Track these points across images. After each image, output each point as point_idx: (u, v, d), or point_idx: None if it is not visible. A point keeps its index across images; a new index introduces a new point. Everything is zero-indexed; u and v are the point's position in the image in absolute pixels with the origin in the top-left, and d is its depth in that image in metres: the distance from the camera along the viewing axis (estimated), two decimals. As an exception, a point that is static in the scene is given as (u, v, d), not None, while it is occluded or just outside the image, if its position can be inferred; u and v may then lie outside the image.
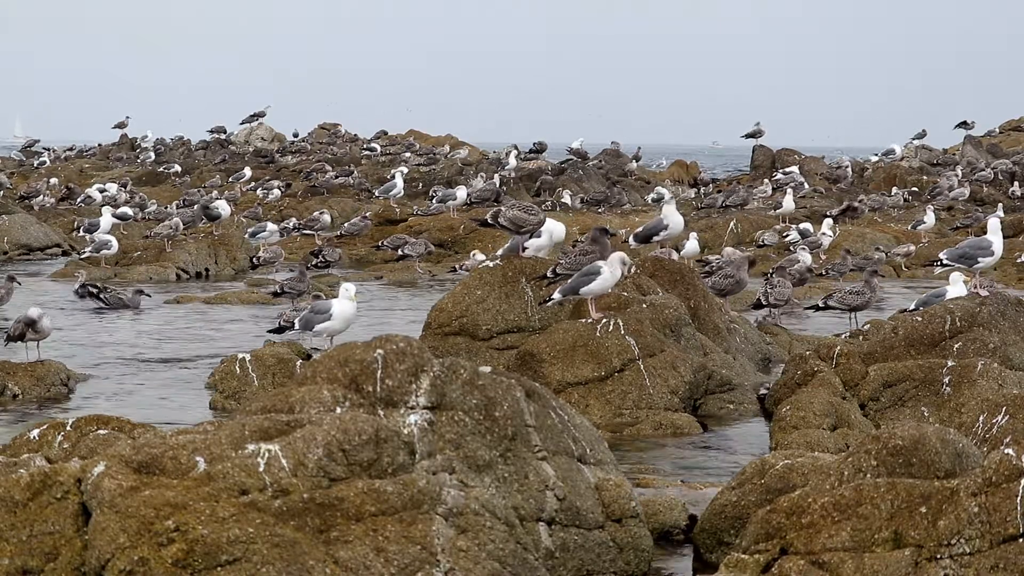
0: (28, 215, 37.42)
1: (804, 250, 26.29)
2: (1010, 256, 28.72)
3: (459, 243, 33.35)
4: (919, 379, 13.87)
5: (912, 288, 27.13)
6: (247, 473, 7.91)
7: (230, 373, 15.81)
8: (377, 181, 46.77)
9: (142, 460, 7.99)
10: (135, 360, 18.72)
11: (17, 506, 7.93)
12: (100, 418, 10.13)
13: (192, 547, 7.62)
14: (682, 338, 15.26)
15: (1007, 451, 8.19)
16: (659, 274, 16.91)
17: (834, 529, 8.27)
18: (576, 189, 43.96)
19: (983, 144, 54.92)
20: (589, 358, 14.40)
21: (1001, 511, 7.96)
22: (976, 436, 10.51)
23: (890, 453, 8.61)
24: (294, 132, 68.53)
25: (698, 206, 40.32)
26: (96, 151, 71.17)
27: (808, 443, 12.56)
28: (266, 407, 8.68)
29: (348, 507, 7.97)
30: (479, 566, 8.12)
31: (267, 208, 41.41)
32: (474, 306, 16.33)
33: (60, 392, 16.19)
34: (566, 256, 16.19)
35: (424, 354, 8.85)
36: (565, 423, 9.19)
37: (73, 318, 23.11)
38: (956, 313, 14.97)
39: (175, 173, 53.73)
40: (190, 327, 22.16)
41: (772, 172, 47.41)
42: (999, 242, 16.28)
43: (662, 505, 9.94)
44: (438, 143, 62.93)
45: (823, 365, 14.30)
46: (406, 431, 8.45)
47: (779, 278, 20.88)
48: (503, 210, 17.13)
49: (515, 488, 8.63)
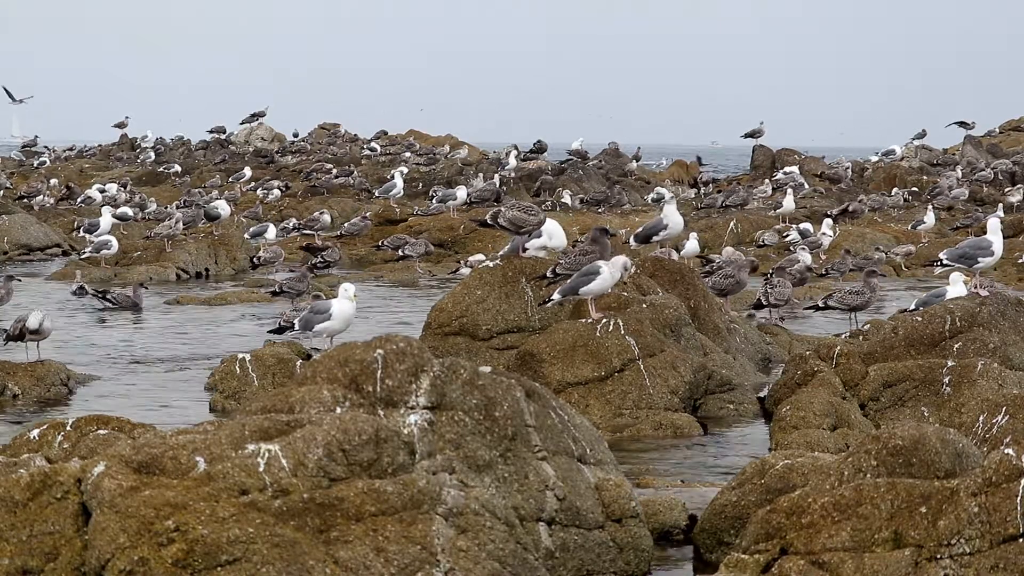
0: (28, 215, 37.44)
1: (804, 250, 26.29)
2: (1010, 256, 28.72)
3: (459, 243, 33.35)
4: (919, 379, 13.87)
5: (912, 288, 27.12)
6: (247, 473, 7.91)
7: (230, 373, 15.81)
8: (377, 181, 46.78)
9: (142, 460, 7.99)
10: (135, 360, 18.72)
11: (17, 506, 7.93)
12: (100, 418, 10.14)
13: (192, 547, 7.62)
14: (682, 338, 15.26)
15: (1007, 451, 8.19)
16: (659, 274, 16.91)
17: (834, 529, 8.27)
18: (576, 189, 43.96)
19: (983, 144, 54.93)
20: (589, 358, 14.40)
21: (1001, 511, 7.96)
22: (976, 436, 10.51)
23: (890, 453, 8.61)
24: (294, 132, 68.56)
25: (698, 206, 40.31)
26: (96, 151, 71.17)
27: (808, 443, 12.56)
28: (266, 407, 8.68)
29: (348, 507, 7.97)
30: (479, 566, 8.12)
31: (267, 208, 41.41)
32: (474, 306, 16.33)
33: (60, 392, 16.19)
34: (566, 256, 16.19)
35: (424, 354, 8.85)
36: (565, 423, 9.19)
37: (73, 318, 23.12)
38: (956, 313, 14.97)
39: (175, 173, 53.74)
40: (190, 327, 22.16)
41: (772, 172, 47.42)
42: (999, 242, 16.28)
43: (662, 505, 9.93)
44: (438, 143, 62.94)
45: (823, 365, 14.30)
46: (406, 431, 8.45)
47: (779, 278, 20.88)
48: (503, 211, 17.12)
49: (515, 488, 8.63)
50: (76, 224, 35.63)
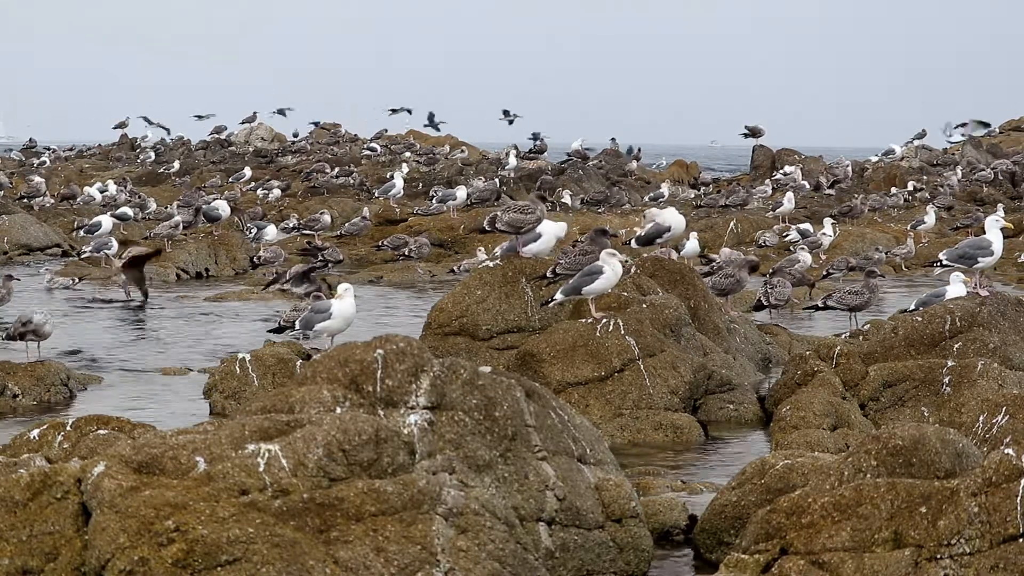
0: (28, 215, 37.42)
1: (804, 250, 26.28)
2: (1010, 256, 28.71)
3: (459, 243, 33.33)
4: (919, 379, 13.88)
5: (912, 288, 27.12)
6: (247, 473, 7.91)
7: (230, 373, 15.80)
8: (377, 181, 46.77)
9: (142, 460, 7.99)
10: (135, 360, 18.72)
11: (17, 506, 7.93)
12: (100, 418, 10.14)
13: (192, 547, 7.62)
14: (682, 338, 15.26)
15: (1007, 451, 8.19)
16: (659, 274, 16.90)
17: (834, 529, 8.27)
18: (576, 189, 43.96)
19: (983, 144, 54.93)
20: (589, 358, 14.39)
21: (1001, 511, 7.96)
22: (976, 436, 10.51)
23: (890, 453, 8.62)
24: (294, 132, 68.56)
25: (697, 205, 40.32)
26: (96, 151, 71.16)
27: (808, 443, 12.56)
28: (266, 407, 8.68)
29: (348, 507, 7.97)
30: (479, 566, 8.12)
31: (267, 208, 41.41)
32: (474, 306, 16.32)
33: (60, 392, 16.19)
34: (566, 256, 16.18)
35: (424, 354, 8.85)
36: (565, 423, 9.19)
37: (73, 318, 23.11)
38: (956, 313, 14.97)
39: (175, 173, 53.73)
40: (190, 327, 22.16)
41: (772, 172, 47.42)
42: (999, 242, 16.28)
43: (662, 505, 9.93)
44: (438, 143, 62.92)
45: (823, 365, 14.30)
46: (406, 431, 8.45)
47: (779, 278, 20.88)
48: (498, 215, 17.08)
49: (515, 488, 8.63)
50: (76, 224, 35.64)
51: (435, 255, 31.86)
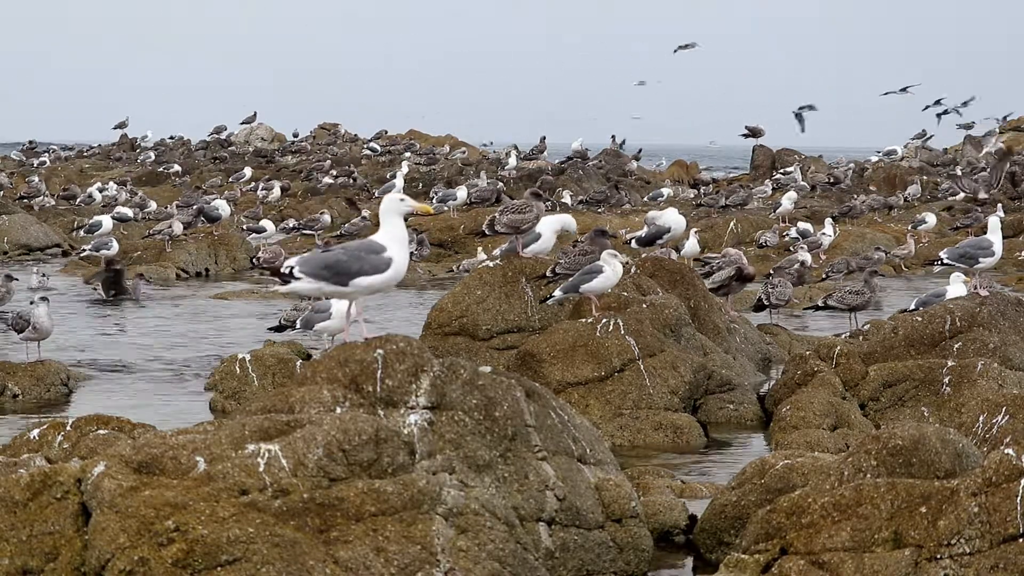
0: (28, 215, 37.43)
1: (804, 250, 26.29)
2: (1010, 256, 28.70)
3: (459, 243, 33.33)
4: (919, 379, 13.88)
5: (912, 288, 27.12)
6: (247, 473, 7.91)
7: (230, 373, 15.81)
8: (377, 181, 46.78)
9: (142, 460, 7.99)
10: (135, 360, 18.72)
11: (17, 506, 7.93)
12: (100, 418, 10.15)
13: (192, 547, 7.62)
14: (682, 338, 15.26)
15: (1007, 451, 8.19)
16: (659, 274, 16.90)
17: (834, 529, 8.27)
18: (576, 189, 43.96)
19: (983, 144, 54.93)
20: (589, 358, 14.39)
21: (1001, 511, 7.96)
22: (976, 436, 10.52)
23: (890, 453, 8.62)
24: (294, 132, 68.61)
25: (697, 205, 40.34)
26: (96, 151, 71.18)
27: (808, 443, 12.56)
28: (266, 407, 8.68)
29: (348, 507, 7.97)
30: (479, 566, 8.12)
31: (267, 208, 41.42)
32: (474, 306, 16.32)
33: (60, 392, 16.19)
34: (566, 256, 16.19)
35: (424, 354, 8.85)
36: (565, 423, 9.19)
37: (73, 318, 23.11)
38: (956, 313, 14.97)
39: (175, 173, 53.74)
40: (190, 327, 22.16)
41: (772, 172, 47.41)
42: (999, 242, 16.27)
43: (662, 505, 9.93)
44: (438, 143, 62.96)
45: (823, 365, 14.30)
46: (406, 431, 8.45)
47: (779, 278, 20.87)
48: (497, 216, 17.08)
49: (515, 488, 8.63)
50: (76, 224, 35.65)
51: (435, 255, 31.87)
